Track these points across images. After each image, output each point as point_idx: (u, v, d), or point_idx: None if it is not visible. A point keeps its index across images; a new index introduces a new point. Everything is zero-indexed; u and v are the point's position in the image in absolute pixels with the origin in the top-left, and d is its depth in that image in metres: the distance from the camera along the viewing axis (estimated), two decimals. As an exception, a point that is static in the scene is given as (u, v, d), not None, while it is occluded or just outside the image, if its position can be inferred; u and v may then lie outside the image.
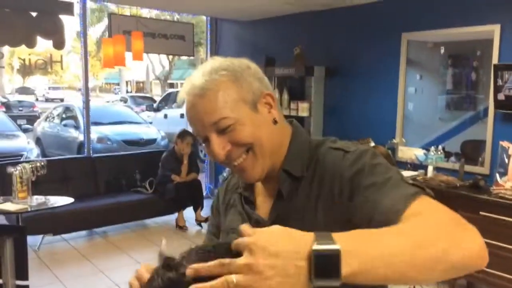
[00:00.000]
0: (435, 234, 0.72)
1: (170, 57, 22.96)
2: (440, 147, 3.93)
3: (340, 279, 0.63)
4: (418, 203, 0.79)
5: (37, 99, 25.59)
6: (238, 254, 0.64)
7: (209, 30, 6.53)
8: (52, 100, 25.75)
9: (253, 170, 0.97)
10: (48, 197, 3.88)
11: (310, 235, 0.66)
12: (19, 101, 18.00)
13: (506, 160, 3.41)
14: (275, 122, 0.98)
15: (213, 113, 0.92)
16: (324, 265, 0.63)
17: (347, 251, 0.64)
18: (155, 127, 10.19)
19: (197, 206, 5.41)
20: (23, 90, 28.56)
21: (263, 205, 1.04)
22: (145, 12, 7.87)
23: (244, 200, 1.07)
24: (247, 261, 0.62)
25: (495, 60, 3.65)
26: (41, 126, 10.64)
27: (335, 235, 0.66)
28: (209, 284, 0.62)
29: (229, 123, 0.92)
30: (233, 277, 0.62)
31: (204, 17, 6.75)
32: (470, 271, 0.73)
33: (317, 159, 0.98)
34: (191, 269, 0.65)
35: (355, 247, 0.66)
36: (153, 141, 9.24)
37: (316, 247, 0.63)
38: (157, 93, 26.41)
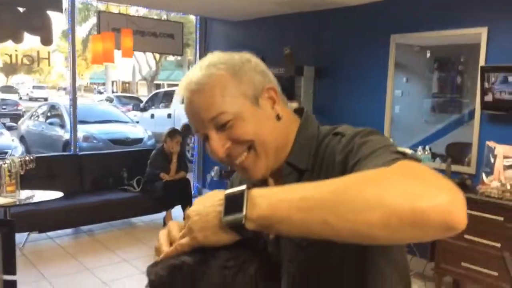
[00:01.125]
0: (374, 180, 0.66)
1: (157, 57, 22.86)
2: (427, 147, 3.99)
3: (241, 212, 0.69)
4: (394, 165, 0.70)
5: (20, 98, 25.20)
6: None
7: (198, 29, 6.52)
8: (36, 99, 25.37)
9: (255, 168, 0.92)
10: (37, 191, 3.84)
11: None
12: (3, 100, 17.71)
13: (492, 160, 3.48)
14: (278, 118, 0.94)
15: (211, 109, 0.88)
16: (231, 203, 0.71)
17: (258, 195, 0.70)
18: (141, 127, 10.14)
19: (186, 205, 5.40)
20: (6, 89, 28.06)
21: None
22: (133, 11, 7.85)
23: None
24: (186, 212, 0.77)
25: (482, 62, 3.72)
26: (25, 125, 10.52)
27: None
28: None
29: (228, 118, 0.88)
30: None
31: (193, 18, 6.75)
32: (432, 229, 0.62)
33: (321, 148, 0.94)
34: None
35: (267, 192, 0.72)
36: (139, 140, 9.20)
37: (228, 191, 0.73)
38: (143, 93, 26.24)
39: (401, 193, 0.62)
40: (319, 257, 0.90)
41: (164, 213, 5.41)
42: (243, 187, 0.72)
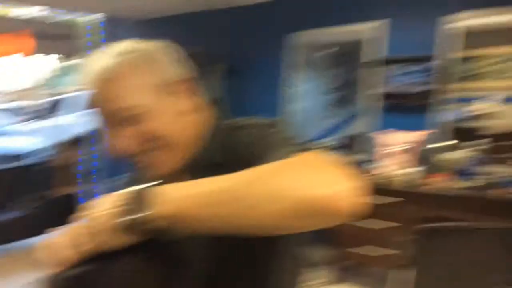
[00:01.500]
0: (273, 173, 0.68)
1: (55, 62, 21.67)
2: (326, 140, 4.25)
3: (142, 212, 0.65)
4: (294, 157, 0.74)
5: None
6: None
7: (99, 30, 5.95)
8: None
9: (161, 165, 0.86)
10: None
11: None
12: None
13: (385, 147, 3.70)
14: (190, 111, 0.89)
15: (115, 101, 0.82)
16: (131, 203, 0.66)
17: (160, 193, 0.66)
18: (36, 138, 9.26)
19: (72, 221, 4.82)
20: None
21: None
22: (30, 13, 7.18)
23: None
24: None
25: (382, 54, 3.96)
26: None
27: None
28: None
29: (133, 112, 0.82)
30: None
31: (94, 17, 6.17)
32: (325, 216, 0.65)
33: (231, 142, 0.89)
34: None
35: (168, 189, 0.68)
36: (32, 153, 8.32)
37: (126, 191, 0.68)
38: (41, 101, 24.55)
39: (296, 184, 0.65)
40: (224, 253, 0.88)
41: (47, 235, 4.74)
42: (144, 185, 0.68)
